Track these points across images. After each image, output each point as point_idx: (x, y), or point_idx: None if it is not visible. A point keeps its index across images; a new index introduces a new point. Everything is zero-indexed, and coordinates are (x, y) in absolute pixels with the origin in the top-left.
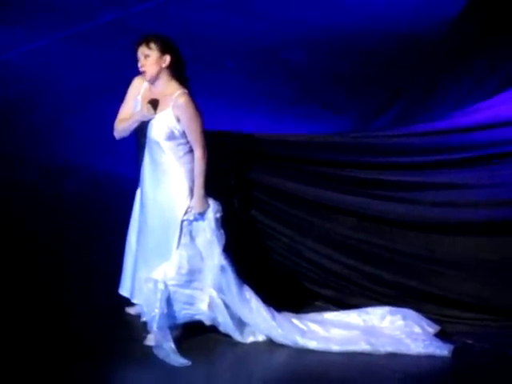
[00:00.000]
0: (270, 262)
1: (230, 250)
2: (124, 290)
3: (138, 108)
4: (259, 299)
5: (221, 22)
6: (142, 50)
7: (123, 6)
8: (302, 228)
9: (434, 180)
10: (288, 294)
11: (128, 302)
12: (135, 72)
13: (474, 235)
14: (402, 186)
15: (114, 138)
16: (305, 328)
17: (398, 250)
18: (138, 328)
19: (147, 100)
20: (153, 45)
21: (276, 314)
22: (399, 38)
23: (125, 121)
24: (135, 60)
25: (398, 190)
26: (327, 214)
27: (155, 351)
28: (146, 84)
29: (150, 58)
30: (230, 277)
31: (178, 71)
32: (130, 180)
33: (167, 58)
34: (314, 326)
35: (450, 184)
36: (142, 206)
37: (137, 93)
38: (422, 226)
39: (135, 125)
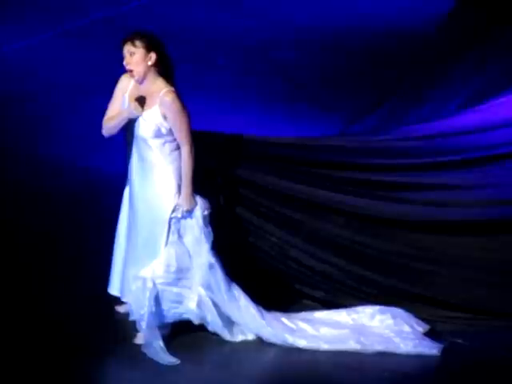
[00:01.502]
0: (258, 261)
1: (218, 249)
2: (113, 289)
3: (126, 105)
4: (248, 298)
5: (211, 20)
6: (128, 48)
7: (114, 4)
8: (290, 227)
9: (424, 181)
10: (277, 292)
11: (117, 301)
12: (125, 70)
13: (465, 235)
14: (392, 186)
15: (101, 135)
16: (294, 327)
17: (387, 249)
18: (127, 327)
19: (134, 97)
20: (138, 42)
21: (265, 312)
22: (388, 36)
23: (112, 118)
24: (122, 57)
25: (389, 190)
26: (316, 212)
27: (144, 350)
28: (133, 81)
29: (136, 56)
30: (219, 275)
31: (164, 69)
32: (121, 178)
33: (153, 56)
34: (303, 325)
35: (441, 185)
36: (131, 203)
37: (124, 90)
38: (412, 225)
39: (123, 122)
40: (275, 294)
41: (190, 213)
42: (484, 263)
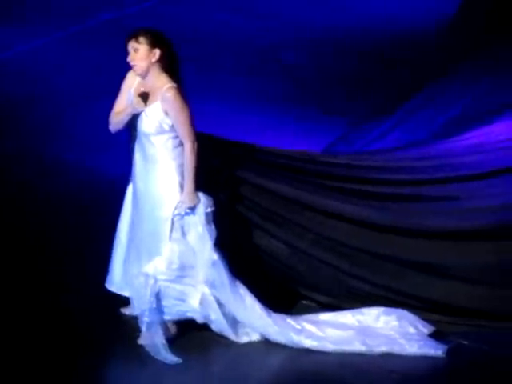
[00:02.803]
0: (261, 263)
1: (221, 247)
2: (111, 285)
3: (131, 101)
4: (253, 296)
5: (218, 22)
6: (132, 44)
7: (119, 6)
8: (294, 231)
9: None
10: (281, 294)
11: (123, 302)
12: (130, 68)
13: (468, 240)
14: (394, 197)
15: (108, 136)
16: (299, 327)
17: (390, 255)
18: (131, 328)
19: (137, 93)
20: (142, 39)
21: (271, 312)
22: (398, 38)
23: (118, 114)
24: (127, 54)
25: (391, 200)
26: (320, 218)
27: (147, 348)
28: (139, 78)
29: (140, 52)
30: (223, 272)
31: (169, 65)
32: (125, 178)
33: (157, 52)
34: (308, 326)
35: (442, 196)
36: (134, 200)
37: (131, 86)
38: (416, 233)
39: (127, 118)
40: (279, 296)
41: (192, 210)
42: (485, 266)
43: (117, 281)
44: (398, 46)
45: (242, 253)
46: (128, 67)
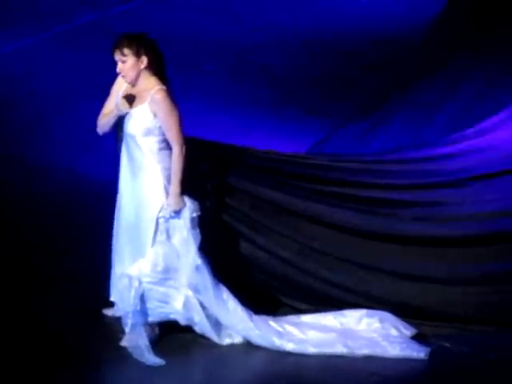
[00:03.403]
0: (244, 269)
1: (206, 252)
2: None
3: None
4: (236, 300)
5: (199, 24)
6: (118, 57)
7: (103, 7)
8: (277, 238)
9: (414, 198)
10: (264, 297)
11: (105, 304)
12: (114, 74)
13: (456, 247)
14: (383, 203)
15: (91, 138)
16: (281, 330)
17: (376, 263)
18: (114, 329)
19: (123, 95)
20: (126, 50)
21: (253, 315)
22: (375, 40)
23: (105, 116)
24: (115, 63)
25: (380, 206)
26: (305, 225)
27: (130, 350)
28: None
29: (127, 64)
30: (206, 276)
31: (157, 67)
32: (109, 181)
33: (144, 60)
34: (290, 328)
35: (431, 202)
36: (119, 201)
37: (119, 89)
38: (402, 239)
39: (113, 120)
40: (262, 298)
41: (178, 213)
42: (471, 273)
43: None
44: (380, 46)
45: (226, 257)
46: (113, 69)
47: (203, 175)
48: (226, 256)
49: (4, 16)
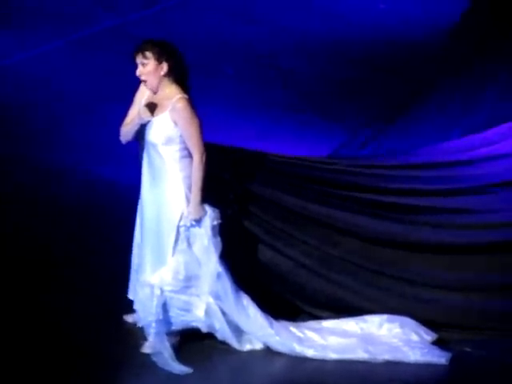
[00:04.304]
0: (265, 276)
1: (227, 258)
2: (131, 294)
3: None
4: (256, 306)
5: (219, 29)
6: (139, 60)
7: (122, 12)
8: (299, 246)
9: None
10: (284, 303)
11: (126, 310)
12: (134, 78)
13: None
14: (400, 209)
15: (113, 143)
16: (302, 336)
17: (391, 270)
18: (135, 336)
19: (145, 103)
20: (148, 54)
21: (273, 321)
22: (398, 46)
23: (127, 124)
24: (135, 67)
25: (398, 212)
26: (326, 233)
27: (154, 358)
28: None
29: (148, 67)
30: (227, 284)
31: (179, 75)
32: (129, 186)
33: (164, 66)
34: (311, 334)
35: (454, 208)
36: (141, 210)
37: (142, 97)
38: (422, 247)
39: (135, 128)
40: (282, 305)
41: (198, 222)
42: (487, 280)
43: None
44: (399, 50)
45: (247, 264)
46: (133, 74)
47: (225, 182)
48: (247, 263)
49: (21, 22)
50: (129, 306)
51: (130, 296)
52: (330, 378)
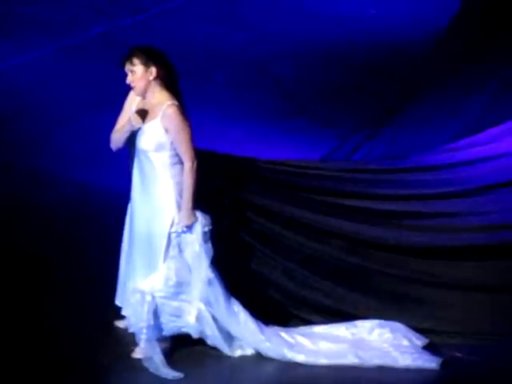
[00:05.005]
0: (257, 282)
1: (218, 265)
2: (119, 301)
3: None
4: (247, 312)
5: (209, 36)
6: (128, 67)
7: (112, 19)
8: (290, 252)
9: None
10: (275, 308)
11: (116, 316)
12: (124, 85)
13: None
14: (394, 214)
15: (103, 150)
16: (293, 341)
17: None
18: (126, 341)
19: (135, 110)
20: (136, 60)
21: (264, 327)
22: (388, 51)
23: (118, 131)
24: (124, 74)
25: (392, 218)
26: (319, 237)
27: (145, 364)
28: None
29: (136, 74)
30: (218, 290)
31: (169, 80)
32: (119, 193)
33: (153, 71)
34: (301, 339)
35: (441, 213)
36: (131, 216)
37: (132, 104)
38: (413, 250)
39: (126, 135)
40: (273, 310)
41: (189, 228)
42: (482, 285)
43: (122, 298)
44: (387, 57)
45: (238, 270)
46: (123, 81)
47: (216, 189)
48: (237, 268)
49: (11, 28)
50: (120, 312)
51: (118, 302)
52: (320, 383)
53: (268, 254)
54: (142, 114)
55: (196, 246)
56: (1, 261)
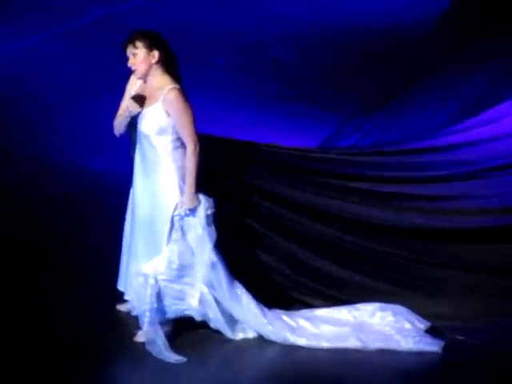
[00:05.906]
0: (259, 263)
1: (221, 248)
2: (121, 285)
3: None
4: (250, 296)
5: (210, 19)
6: (130, 50)
7: (111, 3)
8: (292, 235)
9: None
10: (278, 291)
11: (119, 299)
12: (124, 70)
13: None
14: (395, 196)
15: (104, 135)
16: (295, 325)
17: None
18: (128, 325)
19: (132, 95)
20: (138, 43)
21: (267, 310)
22: (387, 34)
23: (119, 117)
24: (125, 58)
25: (393, 199)
26: (322, 220)
27: (148, 347)
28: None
29: (138, 57)
30: (221, 273)
31: (170, 65)
32: (122, 178)
33: (155, 54)
34: (304, 323)
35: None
36: (134, 200)
37: (133, 88)
38: (410, 231)
39: (126, 120)
40: (276, 294)
41: (192, 211)
42: (483, 267)
43: (124, 282)
44: (387, 41)
45: (241, 253)
46: (123, 65)
47: (218, 173)
48: (240, 252)
49: (12, 12)
50: (122, 296)
51: (120, 287)
52: (322, 367)
53: (271, 236)
54: (139, 99)
55: (199, 229)
56: (3, 247)
